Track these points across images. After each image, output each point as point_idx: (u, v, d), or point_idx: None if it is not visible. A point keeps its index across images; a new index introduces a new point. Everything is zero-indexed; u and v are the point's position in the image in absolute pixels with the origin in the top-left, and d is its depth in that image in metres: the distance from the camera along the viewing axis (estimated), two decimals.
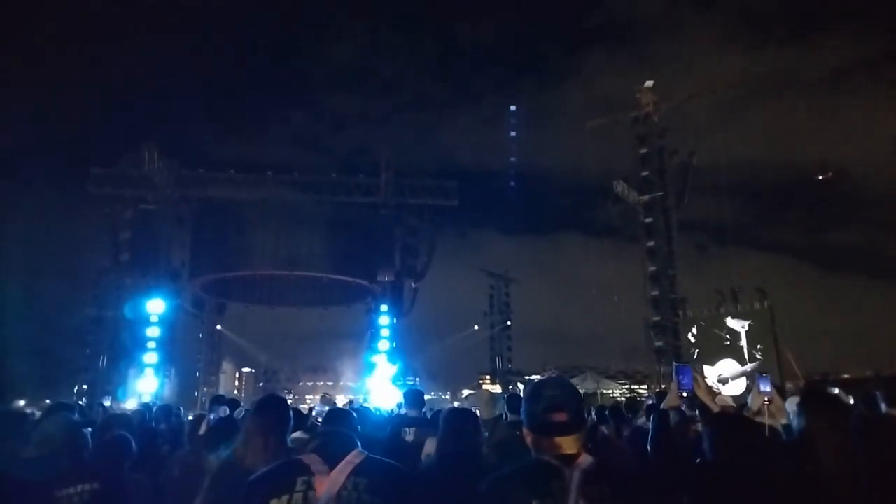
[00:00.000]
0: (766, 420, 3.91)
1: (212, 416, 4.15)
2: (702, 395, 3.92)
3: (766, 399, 4.19)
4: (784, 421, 3.98)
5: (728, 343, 22.85)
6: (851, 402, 5.80)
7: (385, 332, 26.72)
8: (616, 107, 31.57)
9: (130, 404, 18.88)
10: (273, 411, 2.94)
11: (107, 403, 10.85)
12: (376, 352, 26.64)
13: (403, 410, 6.01)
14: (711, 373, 23.00)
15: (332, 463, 2.01)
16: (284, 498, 1.91)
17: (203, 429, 4.06)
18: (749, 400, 4.30)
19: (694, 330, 24.29)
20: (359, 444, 2.19)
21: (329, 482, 1.95)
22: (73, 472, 3.03)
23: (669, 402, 4.21)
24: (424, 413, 6.31)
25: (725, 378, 22.64)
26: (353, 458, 2.05)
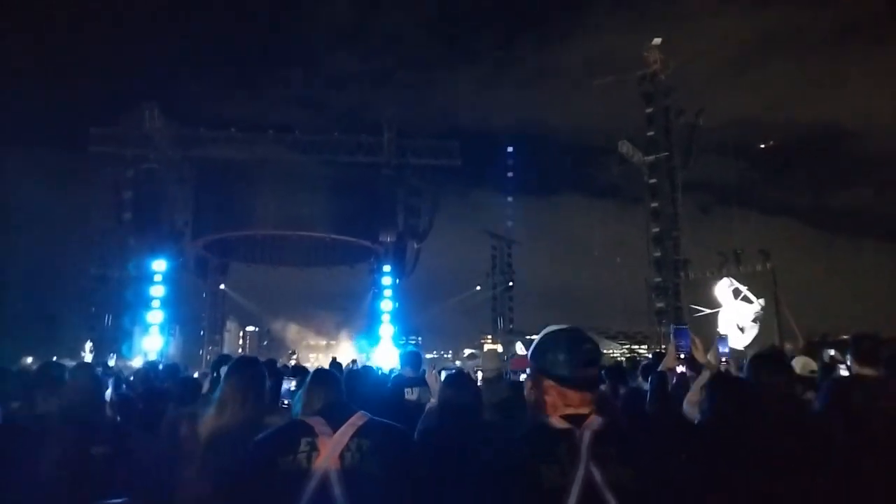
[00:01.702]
0: None
1: (215, 375, 4.21)
2: (699, 356, 3.95)
3: (723, 360, 4.23)
4: None
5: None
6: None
7: (388, 293, 26.89)
8: (621, 65, 31.10)
9: (136, 362, 19.17)
10: (244, 371, 2.98)
11: (111, 362, 10.97)
12: (379, 311, 26.87)
13: (398, 371, 6.09)
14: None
15: (335, 424, 2.02)
16: (288, 458, 1.93)
17: (206, 387, 4.12)
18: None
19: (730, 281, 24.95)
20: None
21: (332, 443, 1.96)
22: (95, 432, 3.08)
23: (667, 363, 4.25)
24: (423, 371, 6.41)
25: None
26: (357, 419, 2.06)
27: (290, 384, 3.99)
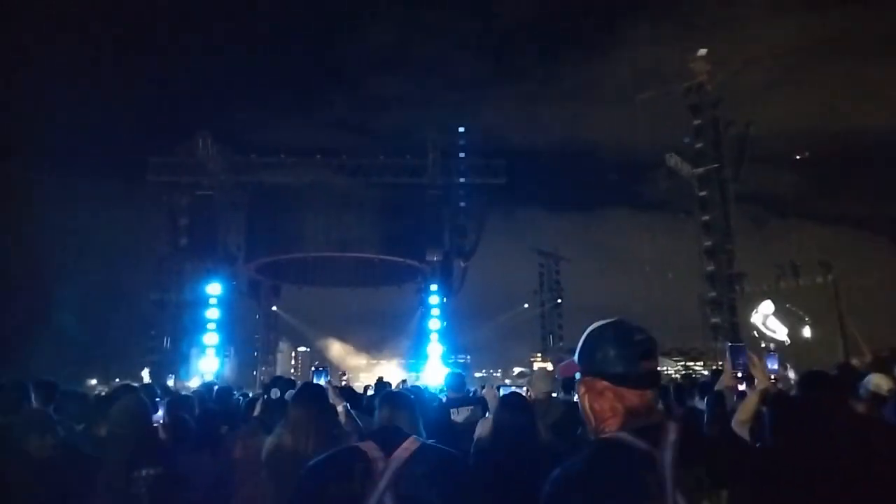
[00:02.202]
0: None
1: (266, 398, 4.28)
2: (758, 374, 3.80)
3: (772, 378, 4.01)
4: None
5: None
6: None
7: (435, 312, 26.91)
8: (665, 77, 30.63)
9: (194, 382, 19.67)
10: (313, 401, 2.98)
11: (170, 383, 11.27)
12: (427, 331, 26.89)
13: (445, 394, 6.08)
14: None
15: (388, 450, 1.98)
16: (342, 484, 1.90)
17: (258, 409, 4.19)
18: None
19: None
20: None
21: (387, 469, 1.93)
22: (142, 454, 3.15)
23: (725, 382, 4.09)
24: (469, 392, 6.37)
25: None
26: (410, 445, 2.02)
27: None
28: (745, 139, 27.94)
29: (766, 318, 24.67)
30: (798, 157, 27.83)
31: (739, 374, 3.97)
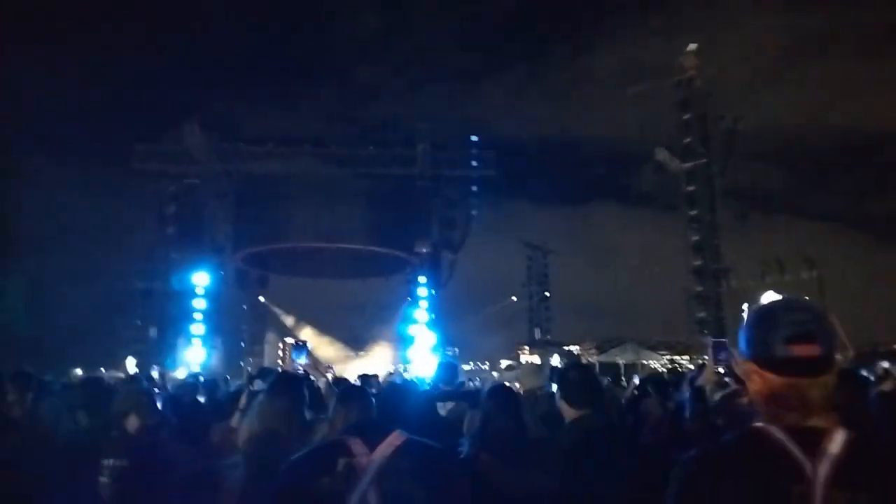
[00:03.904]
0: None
1: (250, 388, 4.28)
2: (739, 369, 3.85)
3: (720, 370, 4.06)
4: None
5: None
6: None
7: (423, 304, 26.94)
8: (654, 71, 30.61)
9: (180, 373, 19.57)
10: (286, 389, 2.98)
11: (154, 374, 11.19)
12: (415, 323, 26.91)
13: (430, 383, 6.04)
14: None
15: (372, 445, 1.94)
16: (325, 480, 1.86)
17: (243, 401, 4.18)
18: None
19: None
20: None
21: (370, 464, 1.88)
22: (115, 444, 3.15)
23: (707, 377, 4.14)
24: (461, 383, 6.32)
25: None
26: (395, 439, 1.97)
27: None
28: (732, 134, 28.05)
29: None
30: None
31: (721, 370, 4.02)
